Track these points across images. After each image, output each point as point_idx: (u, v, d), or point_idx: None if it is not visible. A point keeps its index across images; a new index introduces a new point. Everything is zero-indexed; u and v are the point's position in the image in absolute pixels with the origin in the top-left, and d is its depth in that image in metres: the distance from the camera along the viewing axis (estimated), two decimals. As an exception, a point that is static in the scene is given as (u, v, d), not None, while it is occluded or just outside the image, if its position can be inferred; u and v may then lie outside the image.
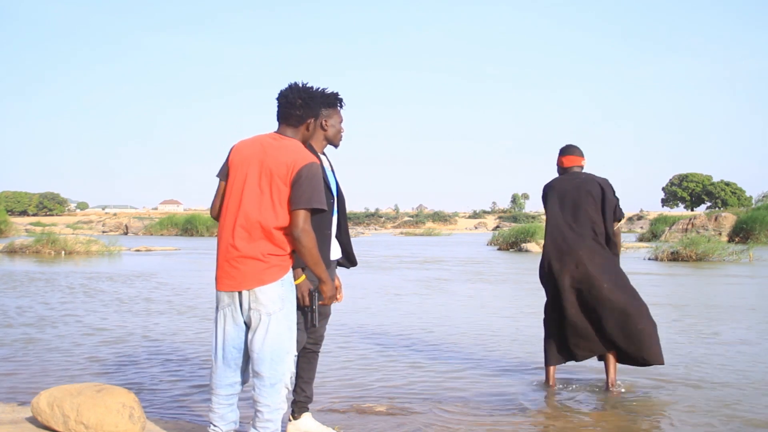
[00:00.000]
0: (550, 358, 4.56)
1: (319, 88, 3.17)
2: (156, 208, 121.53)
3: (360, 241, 38.97)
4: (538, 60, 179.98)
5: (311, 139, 3.33)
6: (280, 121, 2.97)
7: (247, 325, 2.84)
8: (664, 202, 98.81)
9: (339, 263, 3.49)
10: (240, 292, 2.80)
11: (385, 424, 3.79)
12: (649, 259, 19.44)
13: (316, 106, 2.98)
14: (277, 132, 2.96)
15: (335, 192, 3.36)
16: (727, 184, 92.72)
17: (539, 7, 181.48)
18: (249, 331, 2.83)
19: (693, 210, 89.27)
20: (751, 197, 79.76)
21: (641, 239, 35.49)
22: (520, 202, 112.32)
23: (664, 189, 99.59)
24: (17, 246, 21.18)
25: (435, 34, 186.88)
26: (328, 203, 3.28)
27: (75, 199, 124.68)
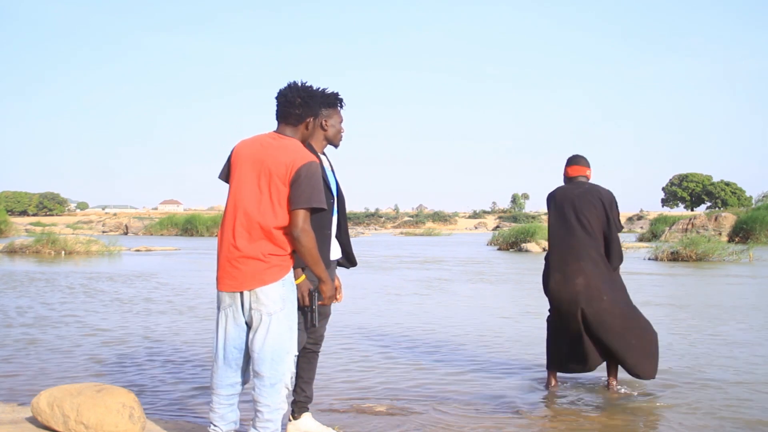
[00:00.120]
0: (551, 363, 4.57)
1: (319, 87, 3.17)
2: (156, 208, 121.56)
3: (360, 241, 38.98)
4: (538, 60, 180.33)
5: (311, 138, 3.32)
6: (280, 120, 2.96)
7: (248, 325, 2.84)
8: (664, 202, 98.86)
9: (339, 263, 3.49)
10: (241, 293, 2.80)
11: (385, 424, 3.79)
12: (649, 259, 19.45)
13: (315, 105, 2.97)
14: (276, 131, 2.95)
15: (335, 192, 3.35)
16: (727, 184, 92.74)
17: (539, 7, 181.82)
18: (250, 331, 2.83)
19: (693, 210, 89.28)
20: (751, 197, 79.82)
21: (641, 239, 35.50)
22: (520, 202, 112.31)
23: (664, 189, 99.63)
24: (17, 246, 21.19)
25: (435, 34, 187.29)
26: (328, 203, 3.27)
27: (75, 199, 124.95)
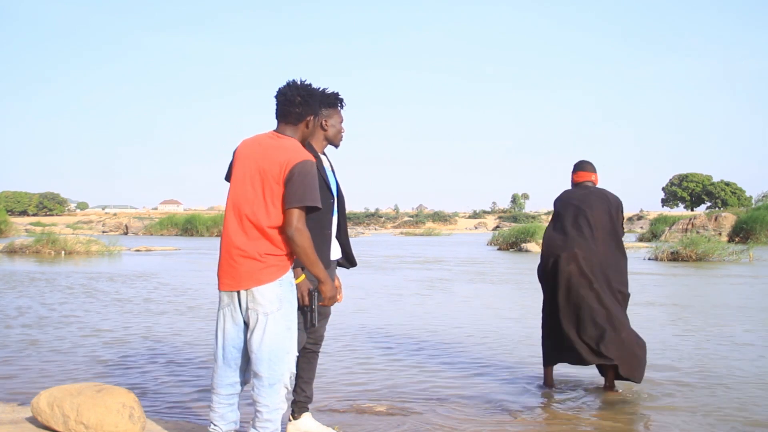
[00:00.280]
0: (547, 358, 4.57)
1: (319, 87, 3.17)
2: (156, 208, 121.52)
3: (360, 241, 38.98)
4: (538, 60, 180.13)
5: (312, 138, 3.32)
6: (279, 119, 2.94)
7: (247, 324, 2.84)
8: (664, 202, 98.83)
9: (339, 264, 3.49)
10: (238, 292, 2.80)
11: (385, 424, 3.79)
12: (649, 259, 19.45)
13: (315, 103, 2.95)
14: (276, 131, 2.94)
15: (335, 192, 3.35)
16: (727, 184, 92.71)
17: (539, 7, 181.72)
18: (248, 331, 2.83)
19: (693, 210, 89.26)
20: (751, 197, 79.83)
21: (641, 239, 35.51)
22: (520, 202, 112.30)
23: (664, 189, 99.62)
24: (17, 246, 21.20)
25: (435, 34, 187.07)
26: (328, 203, 3.27)
27: (75, 199, 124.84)
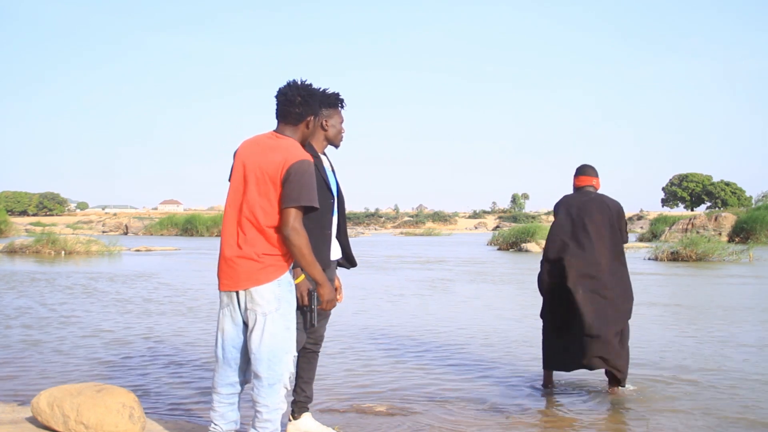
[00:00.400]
0: (548, 362, 4.57)
1: (320, 88, 3.16)
2: (156, 208, 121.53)
3: (360, 241, 38.97)
4: (538, 60, 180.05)
5: (312, 138, 3.32)
6: (279, 119, 2.94)
7: (246, 324, 2.84)
8: (664, 202, 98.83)
9: (339, 264, 3.49)
10: (237, 292, 2.80)
11: (385, 424, 3.79)
12: (649, 259, 19.45)
13: (315, 103, 2.94)
14: (275, 131, 2.93)
15: (335, 192, 3.35)
16: (727, 184, 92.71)
17: (539, 7, 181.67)
18: (247, 331, 2.83)
19: (693, 210, 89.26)
20: (751, 197, 79.88)
21: (641, 239, 35.50)
22: (520, 202, 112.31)
23: (664, 189, 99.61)
24: (17, 246, 21.20)
25: (435, 34, 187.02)
26: (328, 203, 3.27)
27: (75, 199, 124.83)
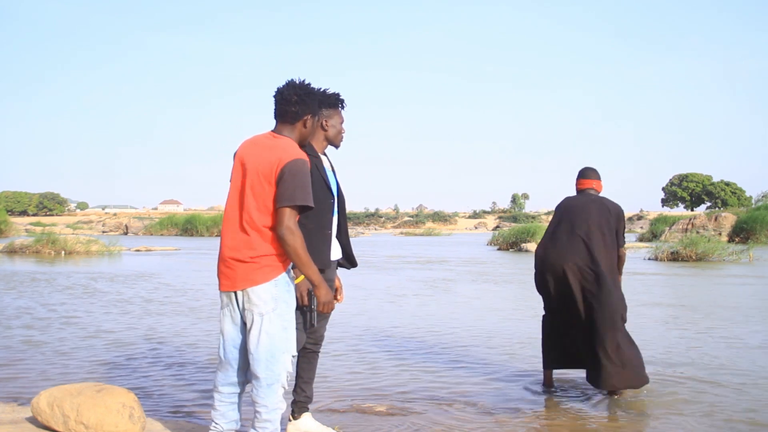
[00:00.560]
0: (546, 362, 4.57)
1: (320, 88, 3.16)
2: (156, 208, 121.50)
3: (360, 241, 38.97)
4: (538, 60, 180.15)
5: (312, 138, 3.32)
6: (277, 118, 2.94)
7: (245, 324, 2.84)
8: (664, 202, 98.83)
9: (339, 264, 3.48)
10: (235, 292, 2.81)
11: (385, 424, 3.79)
12: (649, 259, 19.45)
13: (312, 102, 2.93)
14: (273, 130, 2.93)
15: (335, 192, 3.35)
16: (727, 184, 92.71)
17: (539, 7, 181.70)
18: (246, 331, 2.83)
19: (693, 210, 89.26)
20: (751, 197, 79.82)
21: (641, 239, 35.49)
22: (520, 202, 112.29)
23: (664, 189, 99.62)
24: (17, 246, 21.19)
25: (435, 34, 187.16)
26: (328, 203, 3.27)
27: (75, 199, 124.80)
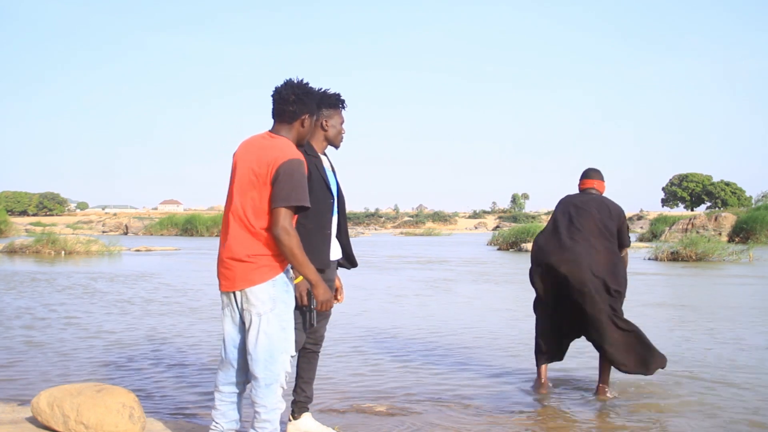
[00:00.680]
0: (540, 357, 4.57)
1: (320, 88, 3.15)
2: (156, 208, 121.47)
3: (360, 241, 38.97)
4: (538, 60, 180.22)
5: (312, 138, 3.32)
6: (275, 118, 2.93)
7: (244, 324, 2.84)
8: (664, 202, 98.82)
9: (339, 264, 3.48)
10: (234, 293, 2.81)
11: (385, 424, 3.79)
12: (648, 258, 19.45)
13: (311, 102, 2.92)
14: (271, 130, 2.92)
15: (335, 192, 3.35)
16: (727, 184, 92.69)
17: (539, 7, 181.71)
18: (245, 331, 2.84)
19: (693, 210, 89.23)
20: (751, 197, 79.82)
21: (641, 239, 35.48)
22: (520, 202, 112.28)
23: (664, 189, 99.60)
24: (17, 246, 21.19)
25: (435, 34, 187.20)
26: (328, 203, 3.27)
27: (75, 199, 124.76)
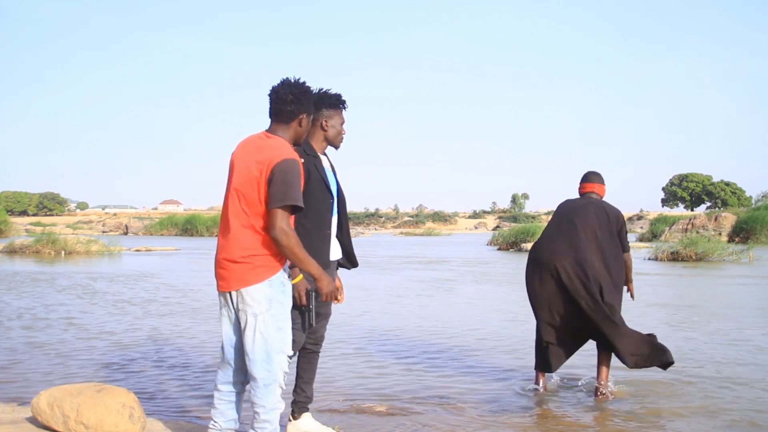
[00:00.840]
0: (539, 364, 4.55)
1: (321, 88, 3.14)
2: (156, 208, 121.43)
3: (361, 241, 38.97)
4: (538, 60, 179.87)
5: (312, 138, 3.31)
6: (272, 117, 2.91)
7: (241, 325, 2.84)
8: (664, 202, 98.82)
9: (339, 264, 3.48)
10: (230, 293, 2.80)
11: (385, 424, 3.79)
12: (648, 258, 19.45)
13: (308, 102, 2.91)
14: (268, 130, 2.91)
15: (335, 192, 3.34)
16: (727, 184, 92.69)
17: (539, 7, 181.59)
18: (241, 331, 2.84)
19: (693, 210, 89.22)
20: (751, 197, 79.79)
21: (641, 239, 35.48)
22: (520, 202, 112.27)
23: (664, 189, 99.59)
24: (17, 246, 21.19)
25: (435, 34, 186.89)
26: (327, 203, 3.27)
27: (75, 199, 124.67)
